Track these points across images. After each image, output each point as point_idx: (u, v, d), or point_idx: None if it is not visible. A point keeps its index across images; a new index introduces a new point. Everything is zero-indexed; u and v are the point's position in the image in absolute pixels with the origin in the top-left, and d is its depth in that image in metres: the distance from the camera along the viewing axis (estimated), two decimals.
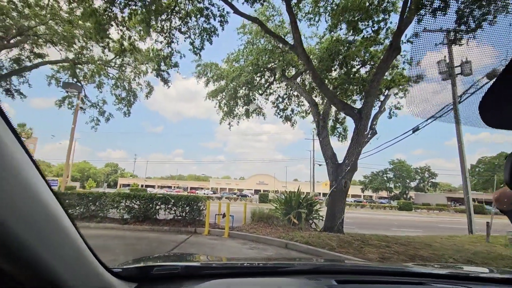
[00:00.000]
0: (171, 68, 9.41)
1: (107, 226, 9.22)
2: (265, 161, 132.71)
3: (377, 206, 43.35)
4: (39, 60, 12.92)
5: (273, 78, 14.35)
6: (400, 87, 10.14)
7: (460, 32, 7.01)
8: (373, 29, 9.07)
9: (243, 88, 13.47)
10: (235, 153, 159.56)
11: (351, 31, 9.83)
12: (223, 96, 13.51)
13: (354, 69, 10.57)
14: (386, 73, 8.87)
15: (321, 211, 10.28)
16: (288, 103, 15.66)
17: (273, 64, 12.86)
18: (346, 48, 10.69)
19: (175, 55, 9.52)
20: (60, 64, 14.58)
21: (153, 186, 72.13)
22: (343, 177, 7.85)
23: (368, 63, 10.26)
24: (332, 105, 9.48)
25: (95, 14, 6.30)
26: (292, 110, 15.86)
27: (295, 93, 15.47)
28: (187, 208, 9.64)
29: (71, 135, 11.53)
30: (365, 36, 9.13)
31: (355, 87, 9.99)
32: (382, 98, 9.66)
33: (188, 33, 9.35)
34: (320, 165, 37.77)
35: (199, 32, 9.32)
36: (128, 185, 66.19)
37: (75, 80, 14.00)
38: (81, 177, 71.65)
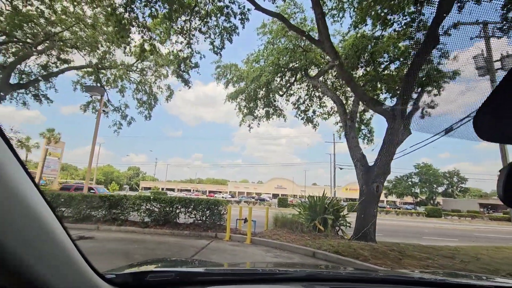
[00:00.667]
0: (191, 69, 9.26)
1: (128, 229, 9.11)
2: (283, 164, 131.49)
3: (403, 212, 41.25)
4: (65, 65, 13.29)
5: (294, 78, 13.92)
6: (435, 83, 9.35)
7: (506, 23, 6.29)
8: (405, 21, 8.42)
9: (263, 89, 13.14)
10: (253, 157, 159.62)
11: (379, 26, 9.24)
12: (243, 98, 13.23)
13: (382, 66, 9.91)
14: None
15: (348, 217, 9.64)
16: (309, 104, 15.14)
17: (294, 64, 12.44)
18: (373, 44, 10.09)
19: (195, 56, 9.35)
20: (84, 70, 14.97)
21: (173, 190, 73.28)
22: (375, 181, 7.23)
23: (398, 59, 9.57)
24: (359, 104, 8.89)
25: (116, 14, 6.23)
26: (314, 112, 15.33)
27: (317, 94, 14.94)
28: (208, 212, 9.35)
29: (93, 138, 11.65)
30: (396, 30, 8.50)
31: (384, 85, 9.33)
32: (414, 96, 8.92)
33: (208, 33, 9.17)
34: (341, 168, 36.60)
35: (219, 31, 9.10)
36: (149, 188, 67.72)
37: (98, 84, 14.29)
38: (105, 180, 74.21)
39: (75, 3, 10.35)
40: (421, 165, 56.01)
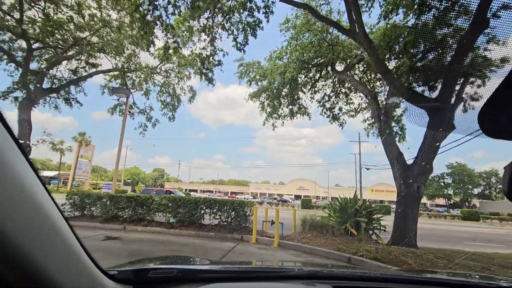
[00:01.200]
0: (215, 67, 9.08)
1: (154, 230, 9.06)
2: (304, 165, 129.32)
3: (436, 215, 38.77)
4: (93, 70, 13.70)
5: (319, 74, 13.37)
6: (479, 73, 8.45)
7: None
8: (444, 5, 7.65)
9: (287, 86, 12.72)
10: (273, 158, 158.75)
11: (412, 14, 8.52)
12: (267, 96, 12.88)
13: (418, 56, 9.12)
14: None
15: (382, 220, 8.95)
16: (335, 101, 14.49)
17: (319, 59, 11.90)
18: (406, 33, 9.35)
19: (218, 53, 9.15)
20: (111, 74, 15.38)
21: (195, 191, 74.44)
22: (415, 181, 6.56)
23: (437, 48, 8.76)
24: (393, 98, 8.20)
25: (139, 10, 6.16)
26: (340, 109, 14.64)
27: (343, 90, 14.26)
28: (233, 213, 9.09)
29: (120, 139, 11.82)
30: (435, 16, 7.74)
31: (421, 76, 8.56)
32: (457, 87, 8.09)
33: (231, 29, 8.92)
34: (368, 169, 35.12)
35: (243, 27, 8.83)
36: (174, 189, 69.23)
37: (124, 87, 14.61)
38: (132, 181, 77.00)
39: (101, 7, 10.58)
40: (454, 165, 52.51)
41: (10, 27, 10.38)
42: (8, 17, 10.15)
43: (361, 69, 12.15)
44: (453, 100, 7.41)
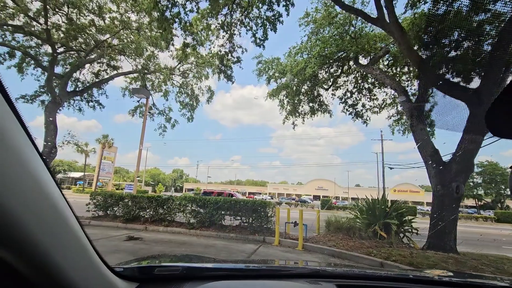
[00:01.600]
0: (234, 64, 8.87)
1: (175, 230, 8.99)
2: (322, 165, 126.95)
3: (466, 217, 36.57)
4: (114, 72, 13.96)
5: (340, 70, 12.85)
6: None
7: None
8: None
9: (307, 83, 12.31)
10: (291, 159, 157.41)
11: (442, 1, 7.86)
12: (286, 94, 12.53)
13: (451, 45, 8.45)
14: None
15: (414, 222, 8.36)
16: (358, 98, 13.89)
17: (342, 53, 11.41)
18: (437, 22, 8.69)
19: (236, 50, 8.95)
20: (131, 76, 15.64)
21: (213, 191, 75.03)
22: (454, 180, 5.99)
23: (474, 36, 8.06)
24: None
25: (158, 6, 6.07)
26: (363, 105, 14.02)
27: (366, 86, 13.65)
28: (254, 214, 8.83)
29: (141, 139, 11.91)
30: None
31: (457, 66, 7.91)
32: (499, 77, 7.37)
33: (250, 24, 8.67)
34: (391, 168, 33.78)
35: (262, 22, 8.56)
36: (192, 189, 70.25)
37: (144, 88, 14.81)
38: (152, 182, 78.93)
39: (119, 7, 10.71)
40: (484, 164, 49.37)
41: (36, 33, 10.74)
42: (34, 23, 10.50)
43: (385, 63, 11.52)
44: (494, 91, 6.73)
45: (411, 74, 10.77)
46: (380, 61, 11.81)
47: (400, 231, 8.18)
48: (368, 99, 13.92)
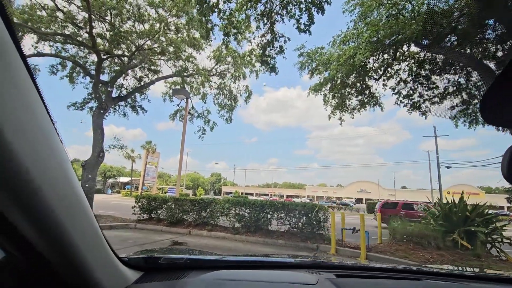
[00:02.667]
0: (277, 55, 8.18)
1: (219, 235, 8.48)
2: (364, 166, 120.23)
3: None
4: (155, 76, 14.17)
5: (393, 56, 11.46)
6: None
7: None
8: None
9: (355, 73, 11.14)
10: (328, 160, 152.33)
11: None
12: (332, 87, 11.48)
13: None
14: None
15: (505, 230, 6.80)
16: (414, 87, 12.30)
17: (397, 36, 10.07)
18: None
19: (279, 40, 8.23)
20: (171, 80, 15.80)
21: (251, 194, 75.16)
22: None
23: None
24: None
25: None
26: (421, 95, 12.37)
27: (423, 73, 12.03)
28: (304, 218, 7.96)
29: (182, 141, 11.76)
30: None
31: None
32: None
33: (293, 10, 7.91)
34: (448, 167, 30.24)
35: (306, 6, 7.74)
36: (231, 192, 71.05)
37: (184, 89, 14.85)
38: (192, 186, 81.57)
39: (158, 6, 10.70)
40: None
41: (83, 42, 11.18)
42: (81, 32, 10.94)
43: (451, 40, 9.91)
44: None
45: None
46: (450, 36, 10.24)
47: (488, 241, 6.68)
48: (426, 88, 12.28)
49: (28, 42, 12.75)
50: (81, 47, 11.90)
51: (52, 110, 0.55)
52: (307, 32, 7.62)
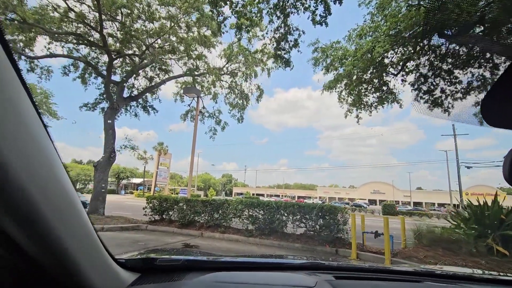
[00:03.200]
0: (291, 49, 7.81)
1: (231, 237, 8.16)
2: (378, 166, 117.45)
3: None
4: (166, 76, 14.05)
5: (413, 50, 10.88)
6: None
7: None
8: None
9: (372, 68, 10.64)
10: (340, 161, 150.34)
11: None
12: (348, 83, 10.99)
13: None
14: None
15: None
16: (435, 82, 11.65)
17: (417, 28, 9.53)
18: None
19: (293, 33, 7.87)
20: (181, 80, 15.66)
21: (262, 195, 74.70)
22: None
23: None
24: None
25: None
26: (443, 91, 11.70)
27: (445, 67, 11.38)
28: (320, 221, 7.54)
29: (193, 141, 11.55)
30: None
31: None
32: None
33: (308, 1, 7.53)
34: (469, 167, 28.96)
35: None
36: (242, 193, 70.88)
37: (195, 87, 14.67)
38: (204, 187, 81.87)
39: (169, 5, 10.52)
40: None
41: (94, 42, 11.14)
42: (93, 32, 10.90)
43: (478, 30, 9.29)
44: None
45: None
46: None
47: None
48: (449, 83, 11.61)
49: (41, 43, 12.87)
50: (93, 48, 11.88)
51: (67, 112, 0.28)
52: (323, 23, 7.22)
